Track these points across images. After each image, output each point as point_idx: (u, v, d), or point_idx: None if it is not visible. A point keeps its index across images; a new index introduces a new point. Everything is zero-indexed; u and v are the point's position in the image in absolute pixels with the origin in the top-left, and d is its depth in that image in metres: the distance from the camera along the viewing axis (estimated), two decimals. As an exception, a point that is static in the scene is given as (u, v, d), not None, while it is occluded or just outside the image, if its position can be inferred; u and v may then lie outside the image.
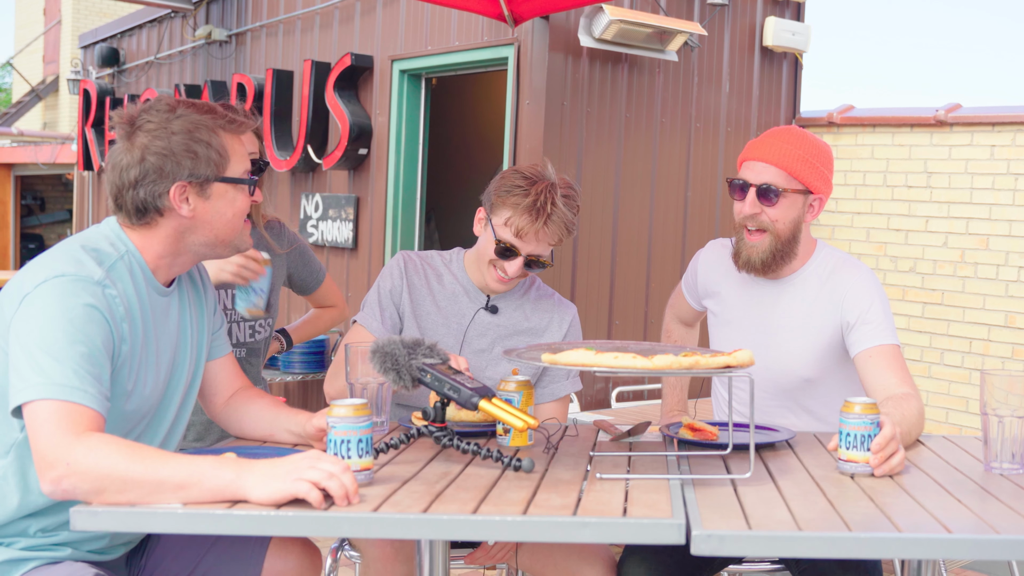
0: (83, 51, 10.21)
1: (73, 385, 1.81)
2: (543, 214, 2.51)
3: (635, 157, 5.56)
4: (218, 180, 2.05)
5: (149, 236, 2.06)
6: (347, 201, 6.42)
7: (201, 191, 2.04)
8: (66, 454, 1.75)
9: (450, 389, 2.03)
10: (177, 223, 2.05)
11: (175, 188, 2.01)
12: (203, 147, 2.02)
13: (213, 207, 2.06)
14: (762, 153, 2.65)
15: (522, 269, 2.59)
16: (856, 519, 1.74)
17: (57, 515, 1.99)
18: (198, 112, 2.05)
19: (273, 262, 2.88)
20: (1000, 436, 2.11)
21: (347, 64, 6.21)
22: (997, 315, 5.43)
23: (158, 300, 2.08)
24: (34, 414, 1.80)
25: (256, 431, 2.30)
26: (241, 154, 2.11)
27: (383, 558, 2.43)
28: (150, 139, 2.00)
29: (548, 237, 2.56)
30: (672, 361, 1.87)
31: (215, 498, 1.74)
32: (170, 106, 2.05)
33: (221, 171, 2.05)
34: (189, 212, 2.04)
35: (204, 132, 2.03)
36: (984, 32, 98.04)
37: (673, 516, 1.70)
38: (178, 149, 2.00)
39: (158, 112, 2.03)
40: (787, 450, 2.30)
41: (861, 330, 2.59)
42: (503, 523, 1.71)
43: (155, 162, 2.00)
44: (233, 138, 2.10)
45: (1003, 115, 5.43)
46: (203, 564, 2.21)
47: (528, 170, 2.59)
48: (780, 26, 5.99)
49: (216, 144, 2.04)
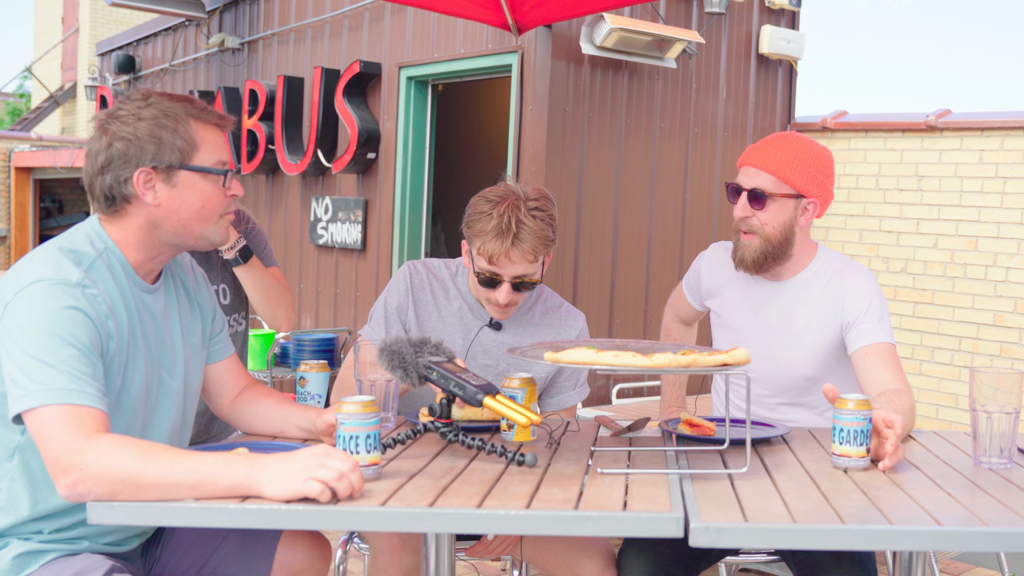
0: (100, 58, 10.22)
1: (71, 388, 1.78)
2: (509, 233, 2.41)
3: (635, 161, 5.56)
4: (183, 168, 1.98)
5: (124, 228, 2.00)
6: (356, 204, 6.42)
7: (167, 179, 1.98)
8: (78, 459, 1.72)
9: (455, 386, 2.03)
10: (147, 212, 1.99)
11: (138, 174, 1.95)
12: (169, 133, 1.96)
13: (180, 196, 1.99)
14: (755, 159, 2.67)
15: (512, 294, 2.50)
16: (849, 512, 1.73)
17: (71, 516, 1.97)
18: (171, 100, 2.00)
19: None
20: (988, 431, 2.10)
21: (356, 71, 6.21)
22: (986, 314, 5.43)
23: (143, 297, 2.03)
24: (38, 421, 1.77)
25: (266, 428, 2.29)
26: (214, 145, 2.03)
27: (391, 549, 2.43)
28: (119, 126, 1.96)
29: (523, 255, 2.45)
30: (671, 359, 1.86)
31: (228, 495, 1.73)
32: (144, 95, 2.00)
33: (187, 159, 1.98)
34: (155, 200, 1.98)
35: (172, 120, 1.97)
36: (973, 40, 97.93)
37: (672, 510, 1.70)
38: (143, 135, 1.95)
39: (131, 101, 1.99)
40: (782, 445, 2.30)
41: (859, 328, 2.60)
42: (507, 517, 1.71)
43: (120, 148, 1.95)
44: (205, 128, 2.02)
45: (992, 120, 5.43)
46: (216, 556, 2.20)
47: (492, 193, 2.50)
48: (776, 34, 5.99)
49: (183, 132, 1.98)
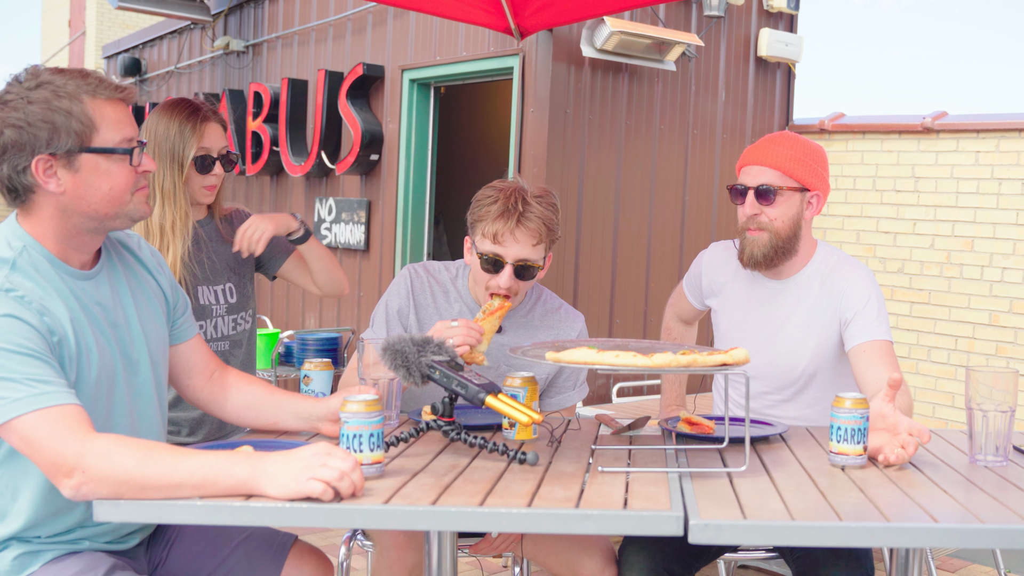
0: (106, 61, 10.23)
1: (35, 393, 1.72)
2: (515, 212, 2.44)
3: (635, 162, 5.56)
4: (83, 151, 1.83)
5: (37, 221, 1.88)
6: (359, 205, 6.42)
7: (68, 164, 1.83)
8: (79, 461, 1.69)
9: (458, 385, 2.02)
10: (54, 201, 1.86)
11: (36, 162, 1.81)
12: (62, 116, 1.80)
13: (85, 180, 1.85)
14: (757, 157, 2.67)
15: (514, 279, 2.49)
16: (847, 509, 1.73)
17: (68, 519, 1.93)
18: (64, 78, 1.83)
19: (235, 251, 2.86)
20: (984, 430, 2.10)
21: (359, 73, 6.22)
22: (981, 314, 5.42)
23: (80, 285, 1.92)
24: (18, 433, 1.72)
25: (260, 418, 2.24)
26: (115, 121, 1.87)
27: (396, 547, 2.43)
28: (7, 112, 1.81)
29: (527, 236, 2.46)
30: (671, 359, 1.86)
31: (231, 494, 1.73)
32: (33, 75, 1.84)
33: (87, 141, 1.83)
34: (58, 187, 1.84)
35: (65, 100, 1.81)
36: (970, 43, 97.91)
37: (672, 508, 1.70)
38: (34, 120, 1.80)
39: (20, 84, 1.83)
40: (781, 443, 2.30)
41: (856, 325, 2.60)
42: (509, 515, 1.71)
43: (12, 135, 1.80)
44: (104, 104, 1.85)
45: (987, 122, 5.43)
46: (224, 566, 2.17)
47: (499, 183, 2.53)
48: (774, 37, 5.99)
49: (79, 112, 1.82)
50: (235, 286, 2.98)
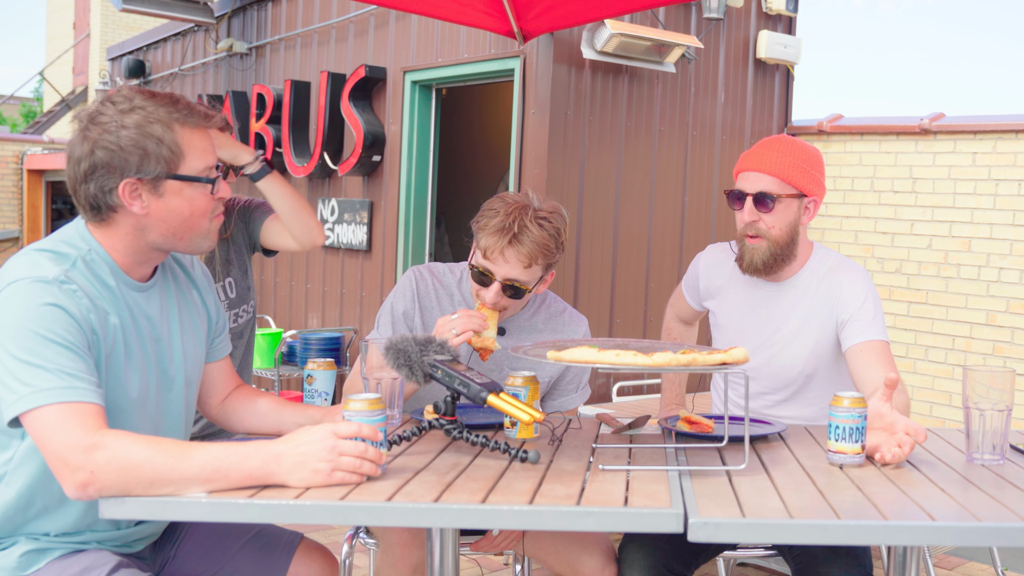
0: (111, 63, 10.23)
1: (63, 385, 1.72)
2: (509, 232, 2.38)
3: (635, 163, 5.56)
4: (170, 178, 1.89)
5: (111, 234, 1.92)
6: (361, 206, 6.43)
7: (154, 189, 1.88)
8: (87, 458, 1.68)
9: (460, 384, 2.03)
10: (134, 220, 1.90)
11: (124, 185, 1.86)
12: (153, 143, 1.85)
13: (167, 205, 1.90)
14: (755, 163, 2.66)
15: (500, 297, 2.45)
16: (845, 507, 1.74)
17: (76, 518, 1.93)
18: (155, 104, 1.88)
19: (231, 239, 2.88)
20: (981, 429, 2.11)
21: (361, 75, 6.22)
22: (979, 314, 5.42)
23: (134, 296, 1.95)
24: (36, 423, 1.71)
25: (262, 425, 2.25)
26: (201, 149, 1.92)
27: (401, 544, 2.44)
28: (100, 132, 1.85)
29: (518, 257, 2.40)
30: (671, 358, 1.87)
31: (243, 486, 1.73)
32: (127, 98, 1.88)
33: (174, 168, 1.88)
34: (142, 210, 1.89)
35: (157, 127, 1.86)
36: (967, 45, 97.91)
37: (672, 506, 1.70)
38: (127, 144, 1.84)
39: (114, 105, 1.87)
40: (779, 442, 2.30)
41: (853, 326, 2.60)
42: (510, 512, 1.71)
43: (103, 157, 1.84)
44: (192, 132, 1.91)
45: (984, 124, 5.43)
46: (230, 565, 2.17)
47: (509, 196, 2.48)
48: (773, 39, 5.99)
49: (169, 140, 1.87)
50: (235, 280, 2.99)
